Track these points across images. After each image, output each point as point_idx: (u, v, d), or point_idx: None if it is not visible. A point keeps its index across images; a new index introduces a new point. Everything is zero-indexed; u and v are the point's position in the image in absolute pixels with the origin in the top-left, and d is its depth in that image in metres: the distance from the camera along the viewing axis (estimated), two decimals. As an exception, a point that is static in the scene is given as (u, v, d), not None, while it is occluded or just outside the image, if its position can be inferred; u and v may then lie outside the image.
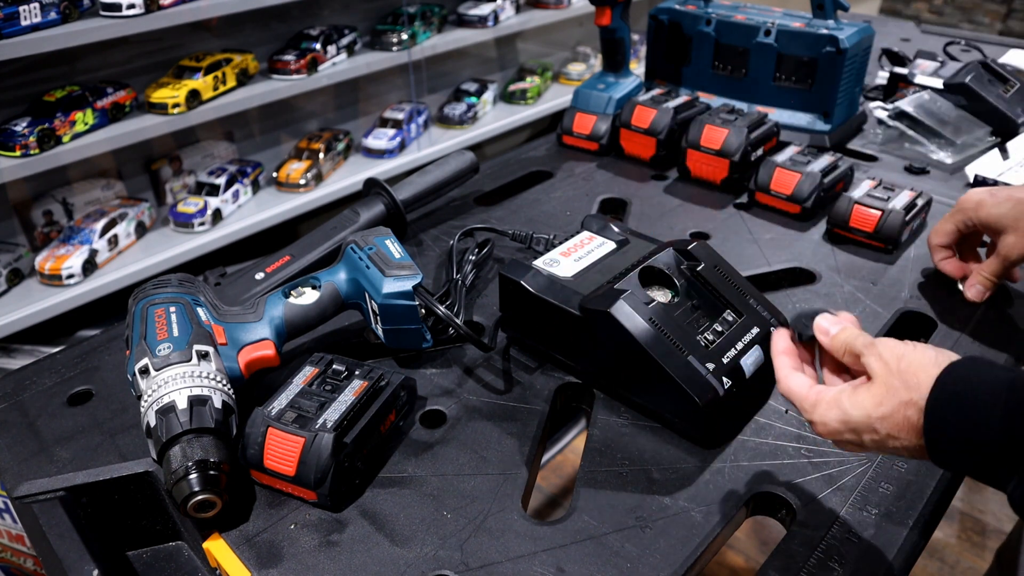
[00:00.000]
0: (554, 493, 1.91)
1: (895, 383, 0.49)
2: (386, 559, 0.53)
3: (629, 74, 1.19)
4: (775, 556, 0.53)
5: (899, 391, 0.48)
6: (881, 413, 0.49)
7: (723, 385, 0.59)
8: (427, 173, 0.95)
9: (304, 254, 0.79)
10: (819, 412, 0.52)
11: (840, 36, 1.10)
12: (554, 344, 0.69)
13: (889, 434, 0.49)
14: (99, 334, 0.77)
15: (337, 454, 0.55)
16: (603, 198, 1.02)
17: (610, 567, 0.52)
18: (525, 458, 0.61)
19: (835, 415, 0.51)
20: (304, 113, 2.06)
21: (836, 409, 0.51)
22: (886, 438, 0.49)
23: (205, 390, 0.56)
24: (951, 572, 1.68)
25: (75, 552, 0.53)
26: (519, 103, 2.37)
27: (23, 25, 1.33)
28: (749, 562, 1.69)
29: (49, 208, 1.63)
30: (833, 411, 0.51)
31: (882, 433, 0.49)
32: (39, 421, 0.66)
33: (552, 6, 2.30)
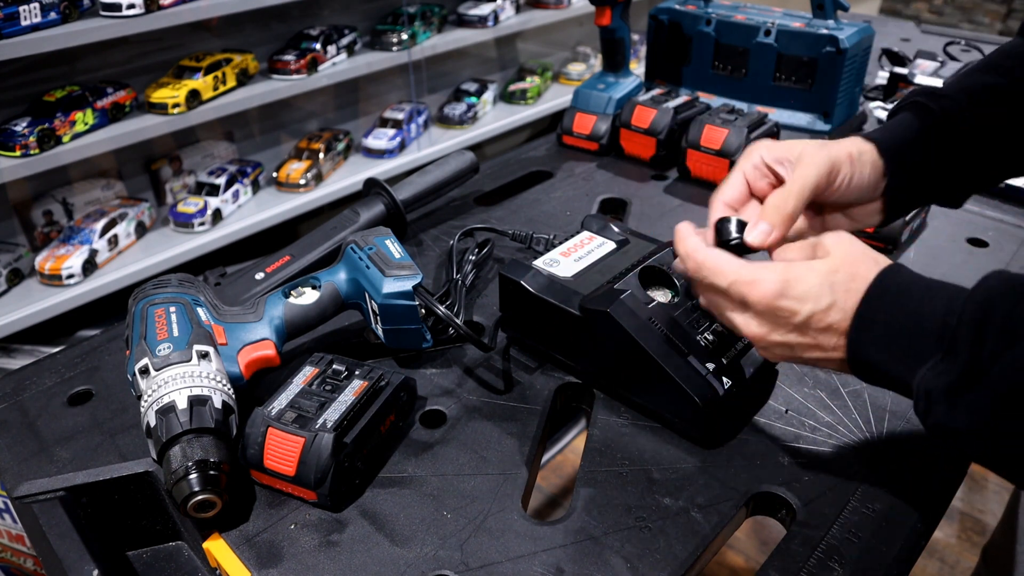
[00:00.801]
0: (554, 493, 1.91)
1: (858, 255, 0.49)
2: (386, 559, 0.53)
3: (629, 74, 1.19)
4: (775, 556, 0.53)
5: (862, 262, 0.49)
6: (837, 278, 0.48)
7: (723, 385, 0.59)
8: (427, 173, 0.95)
9: (304, 254, 0.79)
10: (761, 278, 0.50)
11: (840, 36, 1.10)
12: (554, 344, 0.70)
13: (834, 302, 0.48)
14: (99, 334, 0.77)
15: (337, 454, 0.55)
16: (603, 198, 1.02)
17: (610, 567, 0.52)
18: (525, 458, 0.61)
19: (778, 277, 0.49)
20: (304, 113, 2.06)
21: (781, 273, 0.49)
22: (830, 307, 0.48)
23: (205, 390, 0.56)
24: (951, 572, 1.69)
25: (75, 552, 0.53)
26: (519, 103, 2.37)
27: (23, 25, 1.33)
28: (749, 562, 1.69)
29: (49, 208, 1.63)
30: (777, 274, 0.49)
31: (826, 300, 0.48)
32: (39, 421, 0.66)
33: (552, 6, 2.30)
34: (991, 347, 0.41)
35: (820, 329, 0.49)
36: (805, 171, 0.57)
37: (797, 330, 0.50)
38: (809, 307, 0.49)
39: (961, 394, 0.43)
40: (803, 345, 0.51)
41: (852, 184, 0.59)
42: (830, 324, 0.49)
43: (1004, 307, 0.42)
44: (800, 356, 0.52)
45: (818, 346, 0.50)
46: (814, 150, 0.58)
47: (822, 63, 1.12)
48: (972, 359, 0.42)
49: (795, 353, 0.52)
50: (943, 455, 0.60)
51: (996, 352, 0.41)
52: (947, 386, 0.43)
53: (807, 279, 0.49)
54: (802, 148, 0.59)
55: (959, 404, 0.43)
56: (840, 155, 0.59)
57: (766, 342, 0.52)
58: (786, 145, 0.60)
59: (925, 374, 0.45)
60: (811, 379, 0.69)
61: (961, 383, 0.43)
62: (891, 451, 0.61)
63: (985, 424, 0.42)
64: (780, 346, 0.52)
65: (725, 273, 0.52)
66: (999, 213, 0.97)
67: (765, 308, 0.50)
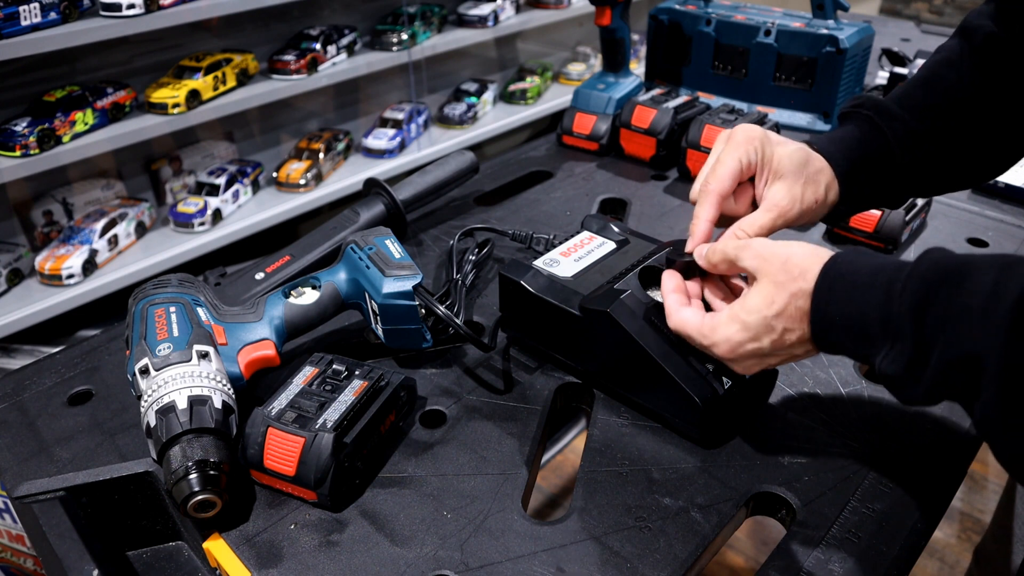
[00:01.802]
0: (554, 493, 1.91)
1: (781, 278, 0.52)
2: (386, 559, 0.53)
3: (629, 74, 1.19)
4: (775, 556, 0.53)
5: (787, 284, 0.52)
6: (775, 310, 0.52)
7: (723, 385, 0.59)
8: (427, 173, 0.95)
9: (304, 254, 0.79)
10: (719, 332, 0.54)
11: (840, 36, 1.10)
12: (554, 344, 0.69)
13: (785, 328, 0.52)
14: (99, 334, 0.77)
15: (337, 454, 0.55)
16: (603, 198, 1.02)
17: (610, 567, 0.52)
18: (525, 458, 0.61)
19: (734, 329, 0.54)
20: (304, 113, 2.06)
21: (734, 323, 0.54)
22: (783, 333, 0.52)
23: (205, 390, 0.56)
24: (951, 572, 1.69)
25: (75, 552, 0.53)
26: (519, 103, 2.36)
27: (23, 25, 1.33)
28: (749, 562, 1.69)
29: (49, 208, 1.63)
30: (732, 326, 0.54)
31: (778, 329, 0.52)
32: (39, 421, 0.66)
33: (552, 6, 2.30)
34: (929, 335, 0.45)
35: (785, 347, 0.54)
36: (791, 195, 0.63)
37: (769, 356, 0.55)
38: (767, 339, 0.53)
39: (914, 377, 0.47)
40: (780, 359, 0.56)
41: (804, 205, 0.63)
42: (794, 341, 0.53)
43: (933, 294, 0.45)
44: (784, 362, 0.57)
45: (792, 356, 0.55)
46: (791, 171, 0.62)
47: (822, 63, 1.12)
48: (915, 348, 0.46)
49: (779, 363, 0.57)
50: (943, 455, 0.61)
51: (933, 339, 0.45)
52: (903, 370, 0.47)
53: (752, 324, 0.53)
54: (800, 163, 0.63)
55: (917, 384, 0.47)
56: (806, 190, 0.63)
57: (753, 372, 0.57)
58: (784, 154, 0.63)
59: (881, 362, 0.48)
60: (811, 379, 0.69)
61: (911, 368, 0.46)
62: (891, 451, 0.61)
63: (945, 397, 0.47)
64: (767, 366, 0.57)
65: (692, 336, 0.57)
66: (999, 213, 0.97)
67: (732, 356, 0.55)
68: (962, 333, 0.43)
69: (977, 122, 0.66)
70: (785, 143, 0.64)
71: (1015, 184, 1.00)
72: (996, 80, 0.65)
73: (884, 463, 0.60)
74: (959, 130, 0.66)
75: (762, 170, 0.63)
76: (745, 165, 0.62)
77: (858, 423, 0.63)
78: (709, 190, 0.62)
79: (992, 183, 1.01)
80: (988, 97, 0.65)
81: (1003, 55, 0.64)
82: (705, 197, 0.62)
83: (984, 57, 0.65)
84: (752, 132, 0.63)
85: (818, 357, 0.71)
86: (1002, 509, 1.05)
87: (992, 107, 0.65)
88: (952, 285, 0.45)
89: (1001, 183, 1.00)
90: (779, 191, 0.62)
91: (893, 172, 0.66)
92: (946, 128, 0.65)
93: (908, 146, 0.65)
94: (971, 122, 0.65)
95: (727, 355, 0.55)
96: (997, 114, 0.65)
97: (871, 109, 0.66)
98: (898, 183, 0.67)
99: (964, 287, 0.44)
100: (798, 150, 0.63)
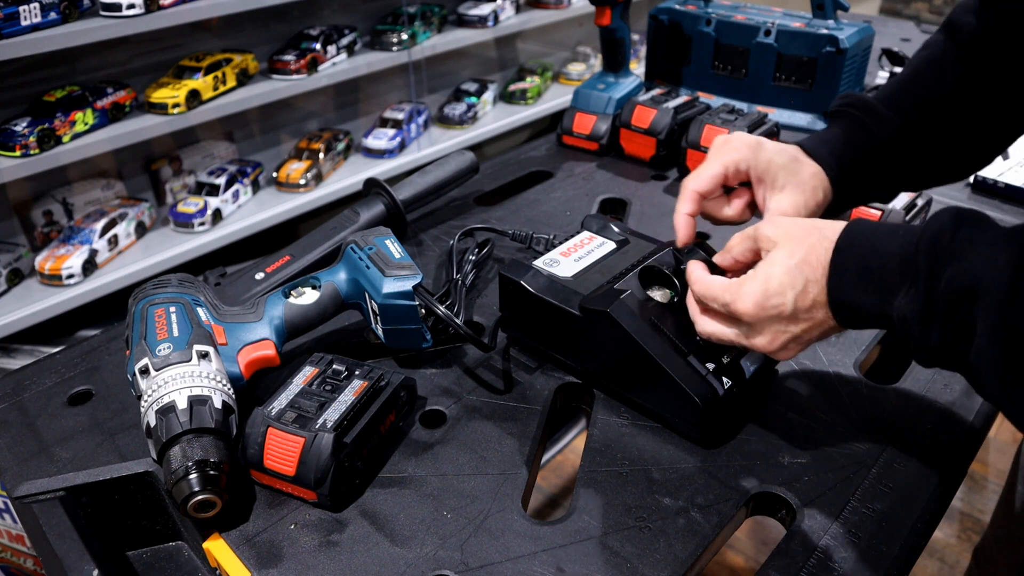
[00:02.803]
0: (554, 493, 1.91)
1: (801, 234, 0.53)
2: (386, 559, 0.53)
3: (629, 74, 1.19)
4: (775, 556, 0.53)
5: (807, 236, 0.53)
6: (797, 260, 0.52)
7: (723, 385, 0.59)
8: (427, 173, 0.95)
9: (304, 254, 0.79)
10: (744, 291, 0.54)
11: (840, 36, 1.10)
12: (554, 344, 0.69)
13: (807, 280, 0.52)
14: (99, 334, 0.77)
15: (337, 454, 0.55)
16: (603, 198, 1.02)
17: (610, 567, 0.52)
18: (525, 458, 0.61)
19: (758, 285, 0.54)
20: (304, 113, 2.06)
21: (757, 280, 0.54)
22: (805, 287, 0.52)
23: (205, 390, 0.56)
24: (951, 572, 1.69)
25: (75, 552, 0.53)
26: (519, 103, 2.36)
27: (23, 25, 1.33)
28: (749, 562, 1.69)
29: (49, 208, 1.63)
30: (755, 283, 0.54)
31: (800, 282, 0.52)
32: (39, 421, 0.66)
33: (552, 6, 2.30)
34: (940, 266, 0.46)
35: (807, 308, 0.53)
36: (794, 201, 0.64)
37: (791, 320, 0.53)
38: (791, 295, 0.52)
39: (929, 316, 0.47)
40: (804, 331, 0.54)
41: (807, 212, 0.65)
42: (814, 301, 0.52)
43: (952, 229, 0.47)
44: (807, 340, 0.55)
45: (815, 324, 0.53)
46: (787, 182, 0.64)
47: (822, 63, 1.12)
48: (928, 280, 0.46)
49: (802, 341, 0.55)
50: (943, 455, 0.61)
51: (943, 270, 0.46)
52: (919, 310, 0.47)
53: (775, 274, 0.53)
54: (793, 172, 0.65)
55: (931, 324, 0.47)
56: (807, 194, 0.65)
57: (777, 345, 0.55)
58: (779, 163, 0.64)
59: (899, 303, 0.48)
60: (811, 379, 0.69)
61: (927, 306, 0.47)
62: (891, 451, 0.61)
63: (952, 338, 0.46)
64: (790, 342, 0.55)
65: (718, 297, 0.56)
66: (999, 213, 0.97)
67: (757, 314, 0.54)
68: (969, 262, 0.44)
69: (962, 119, 0.67)
70: (780, 151, 0.65)
71: (1015, 184, 1.00)
72: (980, 78, 0.66)
73: (884, 463, 0.60)
74: (944, 127, 0.67)
75: (760, 179, 0.65)
76: (732, 171, 0.65)
77: (858, 423, 0.63)
78: (687, 187, 0.65)
79: (992, 183, 1.01)
80: (972, 95, 0.66)
81: (987, 53, 0.65)
82: (683, 193, 0.65)
83: (968, 55, 0.66)
84: (746, 140, 0.65)
85: (818, 356, 0.71)
86: (1002, 509, 1.05)
87: (976, 104, 0.67)
88: (970, 225, 0.46)
89: (1001, 183, 1.01)
90: (783, 202, 0.64)
91: (881, 170, 0.68)
92: (931, 126, 0.67)
93: (895, 145, 0.67)
94: (956, 119, 0.67)
95: (752, 312, 0.54)
96: (981, 111, 0.67)
97: (859, 108, 0.68)
98: (885, 180, 0.70)
99: (980, 226, 0.46)
100: (792, 160, 0.65)
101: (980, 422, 0.64)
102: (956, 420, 0.64)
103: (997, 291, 0.43)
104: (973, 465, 0.56)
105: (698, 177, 0.65)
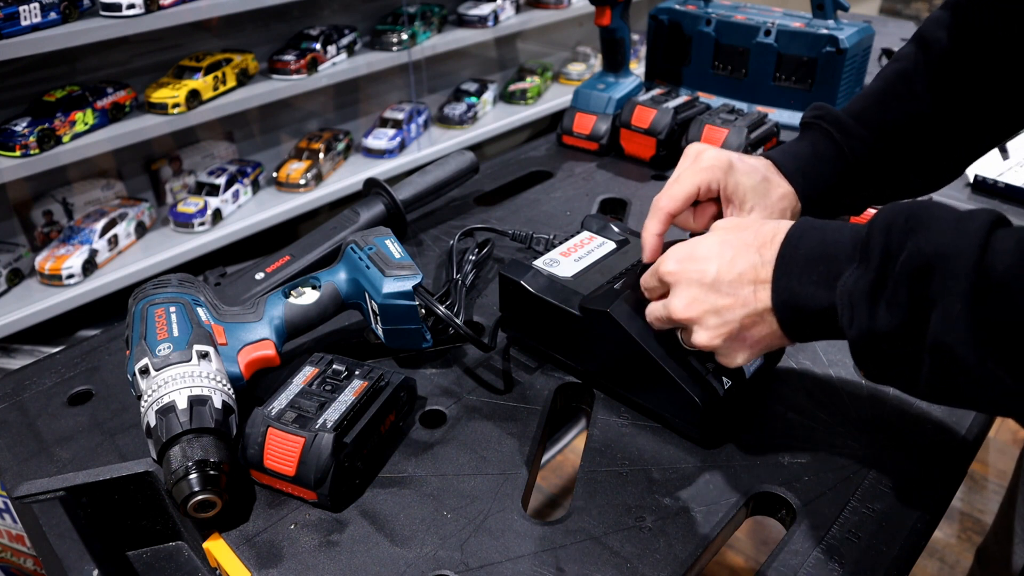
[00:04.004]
0: (554, 493, 1.91)
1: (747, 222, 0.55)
2: (386, 559, 0.53)
3: (629, 74, 1.19)
4: (775, 556, 0.53)
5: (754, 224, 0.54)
6: (731, 237, 0.53)
7: (723, 385, 0.59)
8: (427, 173, 0.95)
9: (304, 254, 0.79)
10: (669, 252, 0.56)
11: (840, 36, 1.10)
12: (554, 344, 0.69)
13: (736, 254, 0.52)
14: (99, 334, 0.77)
15: (337, 454, 0.55)
16: (603, 198, 1.02)
17: (610, 567, 0.52)
18: (525, 458, 0.61)
19: (683, 247, 0.55)
20: (304, 113, 2.06)
21: (685, 244, 0.55)
22: (733, 258, 0.52)
23: (205, 390, 0.56)
24: (951, 572, 1.69)
25: (75, 552, 0.53)
26: (519, 103, 2.36)
27: (23, 25, 1.33)
28: (749, 562, 1.69)
29: (49, 208, 1.63)
30: (682, 246, 0.55)
31: (728, 254, 0.52)
32: (39, 421, 0.66)
33: (552, 6, 2.30)
34: (897, 242, 0.44)
35: (731, 281, 0.52)
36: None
37: (711, 289, 0.53)
38: (714, 263, 0.53)
39: (879, 293, 0.44)
40: (726, 307, 0.52)
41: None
42: (739, 273, 0.52)
43: (907, 210, 0.45)
44: (733, 322, 0.53)
45: (740, 301, 0.52)
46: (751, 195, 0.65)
47: (822, 63, 1.12)
48: (883, 257, 0.44)
49: (726, 320, 0.53)
50: (943, 455, 0.61)
51: (900, 245, 0.44)
52: (867, 287, 0.45)
53: (706, 242, 0.54)
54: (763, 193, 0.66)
55: (879, 303, 0.44)
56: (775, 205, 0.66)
57: (696, 314, 0.54)
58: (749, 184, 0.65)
59: (844, 281, 0.47)
60: (811, 379, 0.69)
61: (878, 281, 0.45)
62: (891, 451, 0.61)
63: (902, 320, 0.43)
64: (710, 315, 0.53)
65: (649, 252, 0.62)
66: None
67: (678, 274, 0.54)
68: (932, 237, 0.42)
69: (931, 136, 0.68)
70: (751, 172, 0.65)
71: (1015, 184, 1.00)
72: (951, 96, 0.67)
73: (884, 463, 0.60)
74: (914, 145, 0.68)
75: (728, 200, 0.66)
76: (704, 189, 0.65)
77: (858, 423, 0.63)
78: (660, 207, 0.65)
79: (992, 183, 1.01)
80: (942, 113, 0.67)
81: (957, 71, 0.66)
82: (654, 213, 0.65)
83: (939, 73, 0.67)
84: (719, 158, 0.65)
85: (818, 356, 0.71)
86: (1004, 509, 1.05)
87: (946, 121, 0.67)
88: (927, 207, 0.45)
89: (1001, 183, 1.01)
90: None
91: (849, 186, 0.70)
92: (901, 144, 0.68)
93: (864, 162, 0.68)
94: (925, 137, 0.68)
95: (672, 269, 0.54)
96: (951, 128, 0.68)
97: (830, 123, 0.69)
98: (854, 195, 0.71)
99: (940, 208, 0.44)
100: (763, 181, 0.66)
101: (980, 422, 0.64)
102: (956, 420, 0.64)
103: (969, 255, 0.40)
104: (973, 465, 0.56)
105: (671, 197, 0.64)
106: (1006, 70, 0.64)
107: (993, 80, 0.65)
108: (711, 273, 0.52)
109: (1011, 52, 0.63)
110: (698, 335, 0.55)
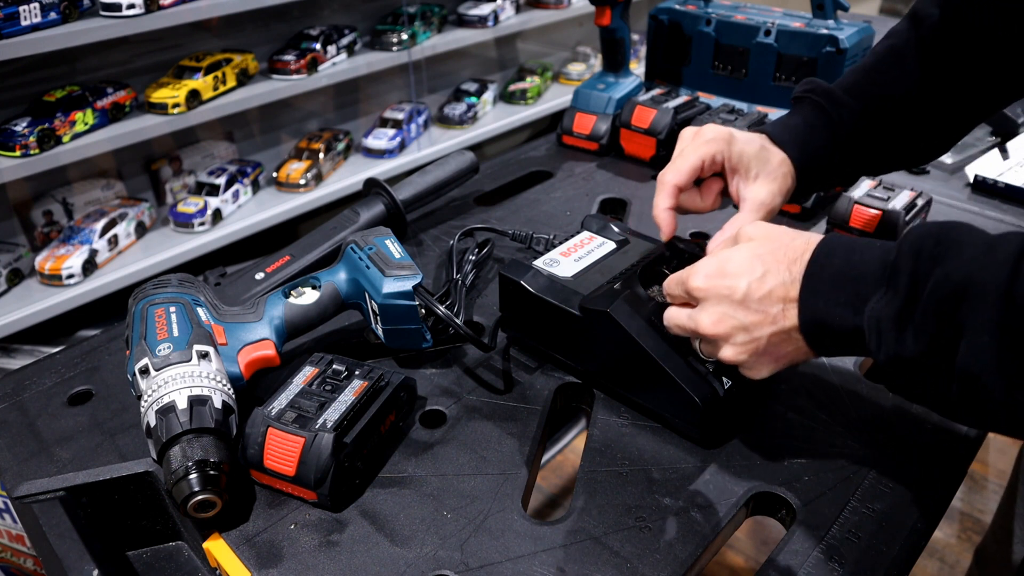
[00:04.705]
0: (554, 493, 1.91)
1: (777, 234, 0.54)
2: (386, 559, 0.53)
3: (629, 74, 1.19)
4: (775, 556, 0.53)
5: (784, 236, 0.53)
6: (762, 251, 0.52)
7: (723, 385, 0.59)
8: (427, 173, 0.95)
9: (304, 254, 0.79)
10: (698, 266, 0.54)
11: (840, 36, 1.10)
12: (554, 344, 0.69)
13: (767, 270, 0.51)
14: (99, 334, 0.77)
15: (337, 454, 0.55)
16: (603, 198, 1.02)
17: (610, 567, 0.52)
18: (525, 458, 0.61)
19: (713, 263, 0.54)
20: (304, 113, 2.06)
21: (715, 259, 0.54)
22: (764, 275, 0.51)
23: (205, 390, 0.56)
24: (951, 572, 1.69)
25: (75, 552, 0.53)
26: (519, 103, 2.36)
27: (23, 25, 1.33)
28: (749, 562, 1.69)
29: (49, 208, 1.63)
30: (712, 261, 0.54)
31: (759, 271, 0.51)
32: (39, 421, 0.66)
33: (552, 6, 2.30)
34: (925, 268, 0.44)
35: (760, 299, 0.51)
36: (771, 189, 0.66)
37: (740, 306, 0.52)
38: (745, 280, 0.51)
39: (907, 319, 0.44)
40: (755, 323, 0.52)
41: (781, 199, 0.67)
42: (769, 291, 0.51)
43: (937, 234, 0.45)
44: (760, 339, 0.52)
45: (768, 318, 0.51)
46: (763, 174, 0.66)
47: (822, 63, 1.12)
48: (911, 283, 0.44)
49: (754, 336, 0.52)
50: (943, 455, 0.61)
51: (929, 271, 0.43)
52: (895, 313, 0.45)
53: (736, 257, 0.53)
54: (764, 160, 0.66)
55: (907, 329, 0.44)
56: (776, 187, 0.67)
57: (724, 331, 0.53)
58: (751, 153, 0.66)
59: (873, 307, 0.46)
60: (811, 379, 0.69)
61: (905, 308, 0.44)
62: (891, 451, 0.61)
63: (929, 347, 0.43)
64: (739, 332, 0.53)
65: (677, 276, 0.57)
66: (999, 213, 0.97)
67: (708, 290, 0.53)
68: (961, 265, 0.42)
69: (920, 109, 0.69)
70: (749, 140, 0.66)
71: (1015, 184, 1.00)
72: (939, 69, 0.67)
73: (884, 463, 0.60)
74: (903, 116, 0.69)
75: (734, 170, 0.66)
76: (708, 162, 0.65)
77: (858, 423, 0.63)
78: (666, 181, 0.66)
79: (992, 183, 1.01)
80: (931, 85, 0.68)
81: (948, 47, 0.67)
82: (661, 188, 0.66)
83: (930, 49, 0.67)
84: (719, 131, 0.66)
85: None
86: (1003, 509, 1.05)
87: (935, 94, 0.68)
88: (956, 231, 0.45)
89: (1001, 183, 1.01)
90: (760, 190, 0.65)
91: (840, 157, 0.70)
92: (891, 114, 0.69)
93: (854, 133, 0.69)
94: (914, 109, 0.69)
95: (701, 285, 0.53)
96: (939, 101, 0.68)
97: (821, 96, 0.70)
98: (845, 165, 0.71)
99: (968, 231, 0.44)
100: (761, 149, 0.66)
101: (980, 422, 0.64)
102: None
103: (997, 285, 0.40)
104: (973, 465, 0.56)
105: (676, 170, 0.65)
106: (995, 46, 0.65)
107: (982, 55, 0.65)
108: (741, 290, 0.51)
109: (1000, 29, 0.64)
110: (725, 351, 0.54)
